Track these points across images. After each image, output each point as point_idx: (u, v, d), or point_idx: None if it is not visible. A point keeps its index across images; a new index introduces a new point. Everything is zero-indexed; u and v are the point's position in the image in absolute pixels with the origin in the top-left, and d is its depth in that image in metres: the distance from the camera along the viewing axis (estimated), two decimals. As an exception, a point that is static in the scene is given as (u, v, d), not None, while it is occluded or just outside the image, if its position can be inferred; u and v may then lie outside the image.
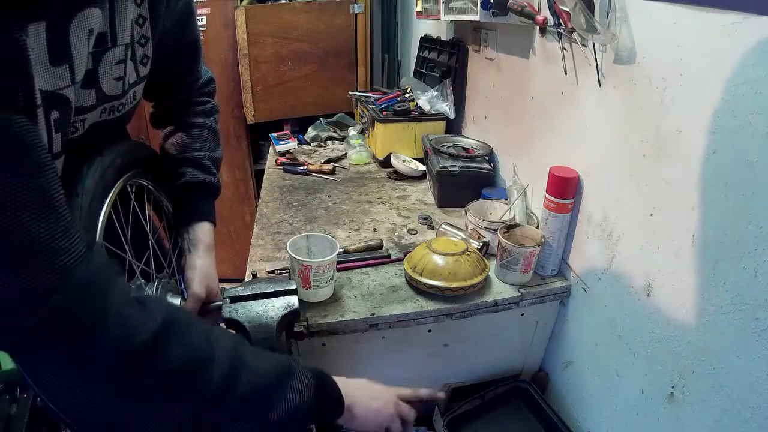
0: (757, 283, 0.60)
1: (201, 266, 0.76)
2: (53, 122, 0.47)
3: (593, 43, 0.84)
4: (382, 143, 1.63)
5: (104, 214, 0.60)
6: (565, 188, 0.94)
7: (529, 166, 1.19)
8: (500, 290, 0.99)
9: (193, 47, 0.78)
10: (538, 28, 1.00)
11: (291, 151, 1.83)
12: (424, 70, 1.85)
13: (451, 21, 1.61)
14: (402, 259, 1.04)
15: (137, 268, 0.70)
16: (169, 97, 0.83)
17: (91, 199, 0.57)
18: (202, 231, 0.80)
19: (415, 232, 1.23)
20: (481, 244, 1.05)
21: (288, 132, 2.04)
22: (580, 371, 1.04)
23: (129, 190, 0.72)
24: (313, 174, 1.62)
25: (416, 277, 0.95)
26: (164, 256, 0.84)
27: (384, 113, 1.62)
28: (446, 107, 1.57)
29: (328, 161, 1.71)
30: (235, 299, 0.73)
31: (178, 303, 0.71)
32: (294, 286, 0.75)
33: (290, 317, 0.73)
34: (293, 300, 0.73)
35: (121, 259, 0.67)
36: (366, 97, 1.85)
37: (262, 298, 0.73)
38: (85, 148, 0.60)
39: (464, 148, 1.45)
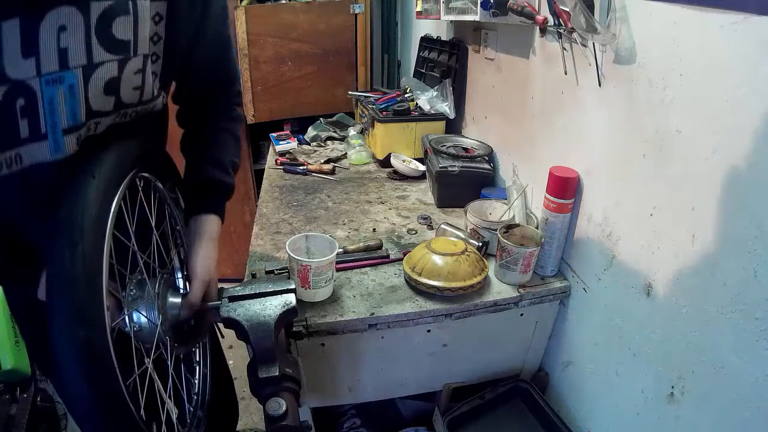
0: (757, 283, 0.59)
1: (203, 255, 0.76)
2: (18, 108, 0.51)
3: (593, 43, 0.84)
4: (382, 143, 1.63)
5: (116, 203, 0.59)
6: (565, 188, 0.94)
7: (529, 166, 1.19)
8: (499, 290, 0.99)
9: (223, 49, 0.79)
10: (538, 28, 1.00)
11: (291, 151, 1.83)
12: (424, 70, 1.85)
13: (451, 21, 1.61)
14: (401, 259, 1.04)
15: (141, 260, 0.70)
16: (201, 99, 0.84)
17: (107, 185, 0.56)
18: (210, 223, 0.80)
19: (414, 232, 1.23)
20: (480, 244, 1.05)
21: (288, 132, 2.04)
22: (580, 371, 1.03)
23: (138, 183, 0.72)
24: (313, 174, 1.62)
25: (415, 277, 0.95)
26: (167, 253, 0.84)
27: (384, 113, 1.62)
28: (446, 107, 1.57)
29: (327, 161, 1.71)
30: (234, 299, 0.73)
31: (178, 300, 0.71)
32: (292, 286, 0.75)
33: (288, 315, 0.73)
34: (291, 298, 0.73)
35: (127, 250, 0.67)
36: (366, 97, 1.85)
37: (261, 297, 0.73)
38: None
39: (464, 148, 1.45)
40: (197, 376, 0.86)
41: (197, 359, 0.88)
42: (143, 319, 0.65)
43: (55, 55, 0.51)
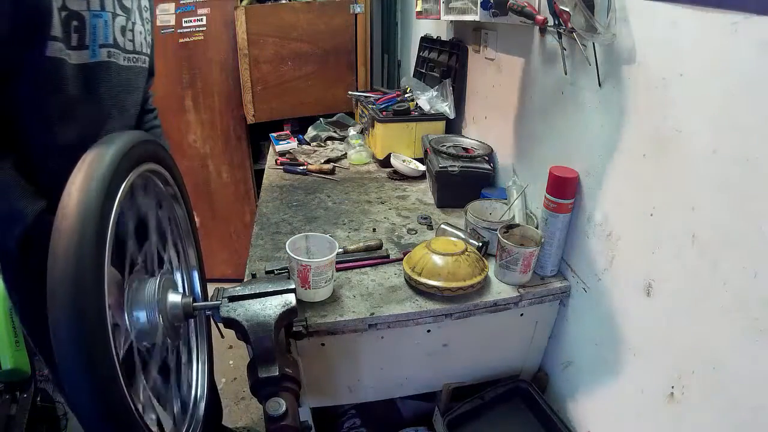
0: (757, 283, 0.59)
1: None
2: (73, 26, 0.76)
3: (593, 43, 0.84)
4: (382, 143, 1.63)
5: (119, 200, 0.59)
6: (565, 188, 0.94)
7: (529, 166, 1.19)
8: (499, 290, 0.99)
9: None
10: (538, 28, 1.00)
11: (291, 151, 1.83)
12: (424, 70, 1.85)
13: (451, 21, 1.61)
14: (401, 259, 1.04)
15: (139, 260, 0.71)
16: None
17: (111, 182, 0.56)
18: None
19: (414, 232, 1.23)
20: (480, 244, 1.05)
21: (288, 132, 2.04)
22: (580, 371, 1.03)
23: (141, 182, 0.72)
24: (313, 174, 1.62)
25: (415, 277, 0.95)
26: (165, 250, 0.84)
27: (384, 113, 1.62)
28: (446, 107, 1.57)
29: (327, 161, 1.71)
30: (234, 299, 0.73)
31: (179, 299, 0.71)
32: (292, 286, 0.75)
33: (288, 315, 0.73)
34: (291, 298, 0.73)
35: (125, 250, 0.67)
36: (366, 97, 1.85)
37: (260, 297, 0.73)
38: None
39: (464, 148, 1.45)
40: (196, 375, 0.86)
41: (195, 358, 0.88)
42: (143, 320, 0.65)
43: (98, 1, 0.79)
